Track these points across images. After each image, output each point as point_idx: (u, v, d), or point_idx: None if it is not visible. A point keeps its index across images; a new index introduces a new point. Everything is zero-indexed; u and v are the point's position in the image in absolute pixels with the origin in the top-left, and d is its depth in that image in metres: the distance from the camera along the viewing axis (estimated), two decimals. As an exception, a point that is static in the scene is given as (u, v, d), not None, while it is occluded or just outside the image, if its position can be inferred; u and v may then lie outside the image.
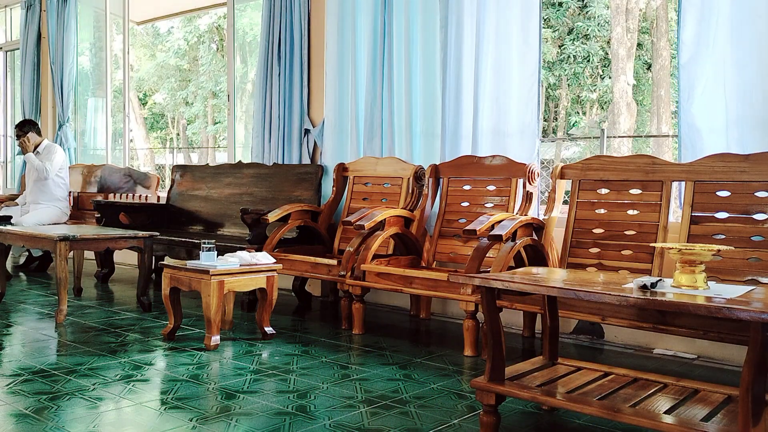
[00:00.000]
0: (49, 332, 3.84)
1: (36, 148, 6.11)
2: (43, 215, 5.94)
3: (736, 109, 3.37)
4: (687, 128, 3.51)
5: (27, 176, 6.30)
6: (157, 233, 4.60)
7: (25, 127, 6.09)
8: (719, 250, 2.22)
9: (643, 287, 2.06)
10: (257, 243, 4.44)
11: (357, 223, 3.90)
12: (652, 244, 2.59)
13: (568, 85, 13.77)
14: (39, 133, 6.19)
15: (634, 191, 3.48)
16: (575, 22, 13.01)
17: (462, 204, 4.18)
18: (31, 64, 7.81)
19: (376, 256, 3.98)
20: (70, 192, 6.37)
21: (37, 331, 3.88)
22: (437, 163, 4.32)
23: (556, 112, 14.44)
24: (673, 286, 2.12)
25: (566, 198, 3.76)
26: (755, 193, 3.13)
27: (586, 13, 12.90)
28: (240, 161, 5.61)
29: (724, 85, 3.40)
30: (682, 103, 3.51)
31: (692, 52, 3.48)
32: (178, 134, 18.78)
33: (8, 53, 8.96)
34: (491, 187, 4.08)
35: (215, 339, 3.49)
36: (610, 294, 2.00)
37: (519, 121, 4.15)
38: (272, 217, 4.41)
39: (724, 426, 1.95)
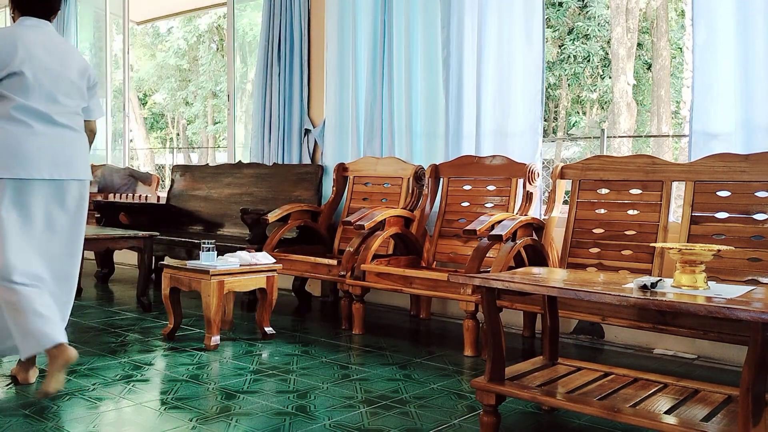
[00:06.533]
0: (49, 332, 3.83)
1: None
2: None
3: (748, 112, 3.33)
4: (699, 131, 3.46)
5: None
6: (157, 233, 4.60)
7: None
8: (719, 250, 2.22)
9: (644, 287, 2.05)
10: (257, 243, 4.44)
11: (357, 223, 3.90)
12: (652, 244, 2.59)
13: (569, 85, 13.77)
14: None
15: (634, 191, 3.47)
16: (575, 22, 13.02)
17: (462, 204, 4.18)
18: (30, 63, 7.78)
19: (376, 256, 3.98)
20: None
21: (37, 331, 3.88)
22: (437, 163, 4.32)
23: (556, 112, 14.45)
24: (674, 286, 2.12)
25: (566, 198, 3.76)
26: (755, 193, 3.12)
27: (587, 13, 12.90)
28: (240, 161, 5.60)
29: (744, 88, 3.35)
30: (696, 107, 3.47)
31: (706, 55, 3.45)
32: (178, 134, 18.79)
33: (8, 53, 8.95)
34: (491, 187, 4.08)
35: (215, 339, 3.49)
36: (610, 294, 2.00)
37: (522, 121, 4.14)
38: (272, 217, 4.41)
39: (725, 426, 1.95)
